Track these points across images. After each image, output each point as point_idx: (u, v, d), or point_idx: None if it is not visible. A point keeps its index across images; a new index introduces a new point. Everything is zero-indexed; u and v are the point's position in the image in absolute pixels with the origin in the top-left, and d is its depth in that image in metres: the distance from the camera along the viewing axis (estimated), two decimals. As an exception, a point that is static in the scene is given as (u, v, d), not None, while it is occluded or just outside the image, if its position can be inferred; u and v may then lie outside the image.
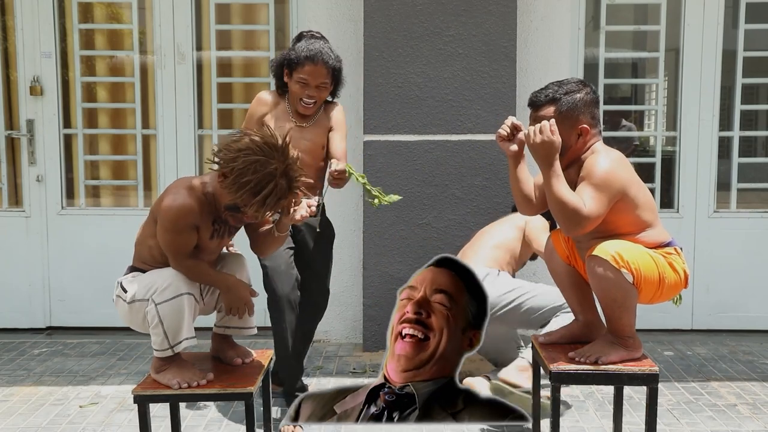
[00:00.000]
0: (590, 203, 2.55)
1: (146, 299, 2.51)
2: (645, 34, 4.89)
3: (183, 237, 2.51)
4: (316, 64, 3.29)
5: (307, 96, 3.32)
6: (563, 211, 2.55)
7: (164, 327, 2.49)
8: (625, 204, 2.62)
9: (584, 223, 2.54)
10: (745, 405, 3.62)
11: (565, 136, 2.66)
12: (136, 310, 2.55)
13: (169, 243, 2.52)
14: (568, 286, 2.86)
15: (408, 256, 4.39)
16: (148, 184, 4.85)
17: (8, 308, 4.82)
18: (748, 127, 4.82)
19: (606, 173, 2.59)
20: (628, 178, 2.64)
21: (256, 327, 2.81)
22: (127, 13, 4.78)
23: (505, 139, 2.74)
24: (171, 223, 2.49)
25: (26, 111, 4.74)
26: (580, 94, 2.70)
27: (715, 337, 4.69)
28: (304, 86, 3.31)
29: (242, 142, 2.45)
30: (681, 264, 2.70)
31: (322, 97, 3.38)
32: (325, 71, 3.31)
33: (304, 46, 3.32)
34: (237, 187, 2.42)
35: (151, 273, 2.57)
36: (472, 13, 4.29)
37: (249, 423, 2.57)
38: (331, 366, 4.21)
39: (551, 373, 2.62)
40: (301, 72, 3.30)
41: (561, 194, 2.55)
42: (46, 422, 3.43)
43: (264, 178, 2.41)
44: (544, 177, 2.60)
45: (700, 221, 4.73)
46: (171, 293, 2.48)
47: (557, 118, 2.66)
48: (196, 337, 2.57)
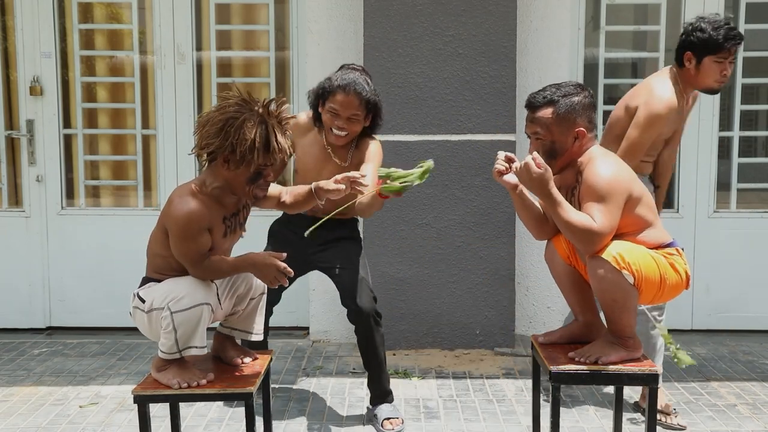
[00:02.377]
0: (600, 218, 2.56)
1: (163, 307, 2.49)
2: (645, 34, 4.89)
3: (197, 242, 2.50)
4: (347, 94, 3.17)
5: (337, 127, 3.20)
6: (575, 234, 2.57)
7: (177, 335, 2.48)
8: (628, 204, 2.63)
9: (598, 239, 2.56)
10: (745, 405, 3.62)
11: (562, 138, 2.68)
12: (155, 320, 2.54)
13: (185, 252, 2.50)
14: (569, 287, 2.87)
15: (408, 256, 4.39)
16: (148, 184, 4.85)
17: (8, 308, 4.82)
18: (748, 127, 4.82)
19: (608, 182, 2.60)
20: (629, 179, 2.66)
21: (262, 334, 2.81)
22: (127, 13, 4.78)
23: (503, 173, 2.74)
24: (183, 231, 2.48)
25: (26, 111, 4.74)
26: (578, 97, 2.71)
27: (715, 337, 4.69)
28: (335, 116, 3.20)
29: (215, 120, 2.49)
30: (683, 265, 2.70)
31: (354, 129, 3.24)
32: (357, 102, 3.18)
33: (339, 75, 3.23)
34: (249, 154, 2.45)
35: (168, 282, 2.55)
36: (472, 13, 4.29)
37: (249, 423, 2.57)
38: (331, 366, 4.21)
39: (551, 373, 2.62)
40: (332, 101, 3.18)
41: (568, 219, 2.57)
42: (46, 422, 3.43)
43: (259, 129, 2.46)
44: (545, 207, 2.64)
45: (700, 221, 4.73)
46: (188, 303, 2.46)
47: (555, 121, 2.67)
48: (206, 347, 2.56)
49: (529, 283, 4.68)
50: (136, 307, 2.59)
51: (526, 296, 4.68)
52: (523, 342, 4.55)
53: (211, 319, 2.56)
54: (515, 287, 4.50)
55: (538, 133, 2.71)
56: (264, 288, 2.80)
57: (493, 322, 4.42)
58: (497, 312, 4.42)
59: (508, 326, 4.43)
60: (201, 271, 2.52)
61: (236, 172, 2.52)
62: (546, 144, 2.70)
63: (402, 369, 4.10)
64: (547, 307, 4.67)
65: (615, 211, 2.58)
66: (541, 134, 2.71)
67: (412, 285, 4.38)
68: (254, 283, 2.74)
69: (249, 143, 2.45)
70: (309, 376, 4.03)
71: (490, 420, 3.46)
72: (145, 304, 2.55)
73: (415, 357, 4.34)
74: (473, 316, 4.42)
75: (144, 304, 2.56)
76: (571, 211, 2.59)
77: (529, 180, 2.60)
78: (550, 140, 2.70)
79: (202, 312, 2.48)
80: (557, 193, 2.59)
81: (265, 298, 2.81)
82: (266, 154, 2.49)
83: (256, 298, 2.77)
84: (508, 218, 4.36)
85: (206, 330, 2.54)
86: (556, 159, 2.70)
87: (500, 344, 4.43)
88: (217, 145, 2.49)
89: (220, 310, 2.68)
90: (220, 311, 2.68)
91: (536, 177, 2.58)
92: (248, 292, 2.73)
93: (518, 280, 4.62)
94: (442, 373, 4.09)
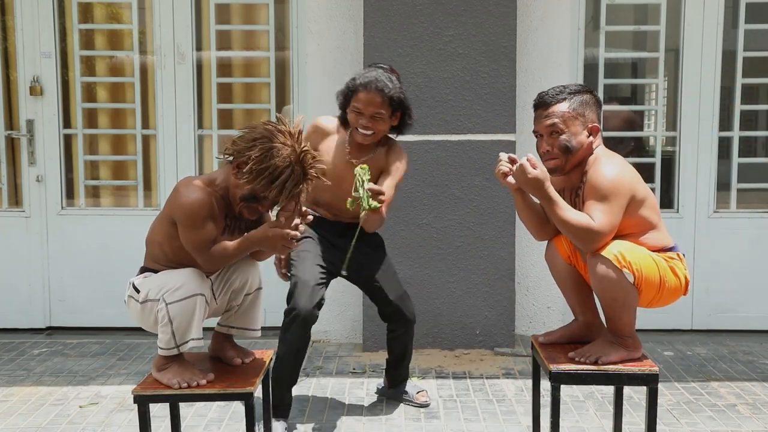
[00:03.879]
0: (600, 217, 2.56)
1: (158, 299, 2.51)
2: (645, 34, 4.89)
3: (205, 230, 2.51)
4: (369, 91, 3.11)
5: (362, 126, 3.15)
6: (574, 233, 2.57)
7: (173, 327, 2.49)
8: (631, 205, 2.63)
9: (598, 237, 2.55)
10: (745, 405, 3.62)
11: (578, 132, 2.69)
12: (148, 310, 2.55)
13: (193, 239, 2.51)
14: (569, 286, 2.87)
15: (408, 256, 4.39)
16: (148, 184, 4.85)
17: (8, 308, 4.82)
18: (748, 127, 4.82)
19: (611, 181, 2.60)
20: (634, 180, 2.66)
21: (260, 330, 2.81)
22: (127, 13, 4.78)
23: (507, 174, 2.73)
24: (191, 218, 2.49)
25: (26, 111, 4.74)
26: (587, 95, 2.74)
27: (715, 337, 4.69)
28: (358, 115, 3.15)
29: (256, 131, 2.49)
30: (682, 270, 2.70)
31: (379, 129, 3.18)
32: (379, 100, 3.11)
33: (362, 73, 3.19)
34: (255, 174, 2.44)
35: (164, 273, 2.57)
36: (472, 13, 4.29)
37: (249, 423, 2.57)
38: (331, 366, 4.21)
39: (551, 373, 2.62)
40: (356, 100, 3.14)
41: (566, 218, 2.57)
42: (46, 422, 3.43)
43: (281, 162, 2.44)
44: (544, 208, 2.64)
45: (700, 221, 4.73)
46: (182, 294, 2.48)
47: (571, 114, 2.68)
48: (203, 338, 2.57)
49: (529, 283, 4.68)
50: (131, 296, 2.60)
51: (526, 296, 4.68)
52: (523, 342, 4.55)
53: (206, 311, 2.56)
54: (515, 287, 4.51)
55: (556, 125, 2.69)
56: (260, 284, 2.79)
57: (493, 322, 4.43)
58: (497, 312, 4.42)
59: (508, 326, 4.44)
60: (208, 258, 2.53)
61: (238, 183, 2.52)
62: (563, 138, 2.69)
63: (402, 369, 4.11)
64: (547, 307, 4.68)
65: (616, 210, 2.58)
66: (559, 127, 2.69)
67: (412, 285, 4.38)
68: (250, 279, 2.74)
69: (265, 166, 2.44)
70: (309, 376, 4.03)
71: (490, 420, 3.46)
72: (140, 294, 2.56)
73: (415, 357, 4.33)
74: (473, 316, 4.42)
75: (139, 294, 2.57)
76: (569, 210, 2.59)
77: (525, 182, 2.61)
78: (568, 134, 2.69)
79: (197, 303, 2.49)
80: (554, 193, 2.60)
81: (262, 294, 2.80)
82: (269, 187, 2.46)
83: (252, 293, 2.76)
84: (508, 218, 4.36)
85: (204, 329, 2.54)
86: (571, 154, 2.69)
87: (500, 344, 4.44)
88: (241, 148, 2.49)
89: (215, 305, 2.68)
90: (214, 305, 2.68)
91: (532, 178, 2.58)
92: (243, 286, 2.72)
93: (518, 280, 4.62)
94: (442, 373, 4.09)
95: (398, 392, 3.67)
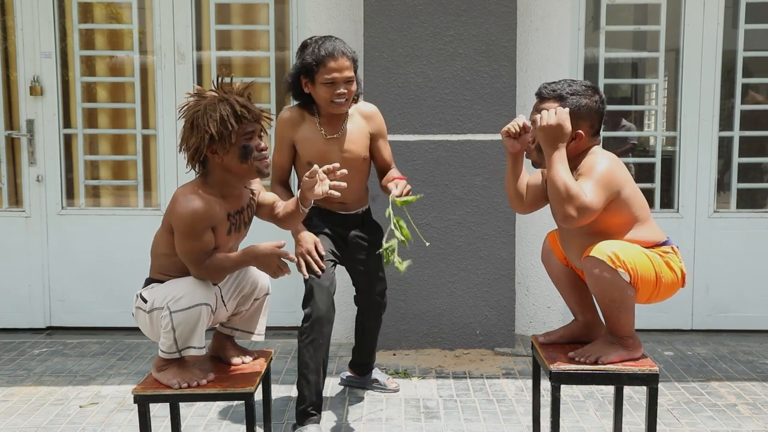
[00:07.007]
0: (590, 194, 2.54)
1: (163, 307, 2.50)
2: (645, 34, 4.89)
3: (201, 241, 2.51)
4: (337, 58, 3.15)
5: (338, 95, 3.18)
6: (565, 193, 2.52)
7: (176, 335, 2.49)
8: (617, 204, 2.62)
9: (582, 211, 2.52)
10: (745, 405, 3.62)
11: None
12: (155, 320, 2.55)
13: (189, 250, 2.51)
14: (567, 287, 2.87)
15: (408, 256, 4.38)
16: (148, 184, 4.85)
17: (8, 308, 4.82)
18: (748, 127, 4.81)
19: (605, 171, 2.60)
20: (624, 178, 2.65)
21: (263, 335, 2.82)
22: (127, 13, 4.78)
23: (511, 135, 2.74)
24: (189, 228, 2.49)
25: (26, 111, 4.74)
26: (587, 100, 2.68)
27: (715, 337, 4.69)
28: (332, 85, 3.17)
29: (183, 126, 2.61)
30: (678, 263, 2.70)
31: (353, 90, 3.24)
32: (348, 63, 3.18)
33: (318, 46, 3.19)
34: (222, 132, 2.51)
35: (170, 282, 2.57)
36: (472, 13, 4.29)
37: (249, 423, 2.57)
38: (331, 366, 4.21)
39: (551, 373, 2.62)
40: (325, 72, 3.15)
41: (564, 178, 2.54)
42: (46, 422, 3.43)
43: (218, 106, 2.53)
44: (548, 160, 2.60)
45: (699, 221, 4.73)
46: (187, 303, 2.47)
47: None
48: (205, 347, 2.57)
49: (529, 283, 4.68)
50: (139, 308, 2.60)
51: (526, 296, 4.68)
52: (523, 342, 4.55)
53: (210, 320, 2.56)
54: (515, 287, 4.51)
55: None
56: (269, 289, 2.80)
57: (493, 322, 4.43)
58: (497, 312, 4.42)
59: (508, 326, 4.43)
60: (204, 271, 2.53)
61: (226, 156, 2.54)
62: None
63: (402, 369, 4.10)
64: (547, 307, 4.67)
65: (603, 197, 2.56)
66: None
67: (413, 285, 4.38)
68: (260, 283, 2.75)
69: (219, 120, 2.51)
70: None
71: (490, 420, 3.46)
72: (147, 304, 2.56)
73: (415, 357, 4.34)
74: (473, 316, 4.42)
75: (146, 305, 2.56)
76: (569, 173, 2.57)
77: (549, 126, 2.58)
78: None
79: (201, 312, 2.48)
80: (564, 153, 2.58)
81: (269, 299, 2.82)
82: (239, 121, 2.53)
83: (261, 298, 2.77)
84: (508, 218, 4.36)
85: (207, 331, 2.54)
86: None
87: (500, 344, 4.44)
88: (196, 140, 2.54)
89: (224, 311, 2.69)
90: (223, 311, 2.68)
91: (559, 125, 2.57)
92: (253, 292, 2.74)
93: (518, 280, 4.62)
94: (442, 373, 4.09)
95: (367, 381, 3.79)
